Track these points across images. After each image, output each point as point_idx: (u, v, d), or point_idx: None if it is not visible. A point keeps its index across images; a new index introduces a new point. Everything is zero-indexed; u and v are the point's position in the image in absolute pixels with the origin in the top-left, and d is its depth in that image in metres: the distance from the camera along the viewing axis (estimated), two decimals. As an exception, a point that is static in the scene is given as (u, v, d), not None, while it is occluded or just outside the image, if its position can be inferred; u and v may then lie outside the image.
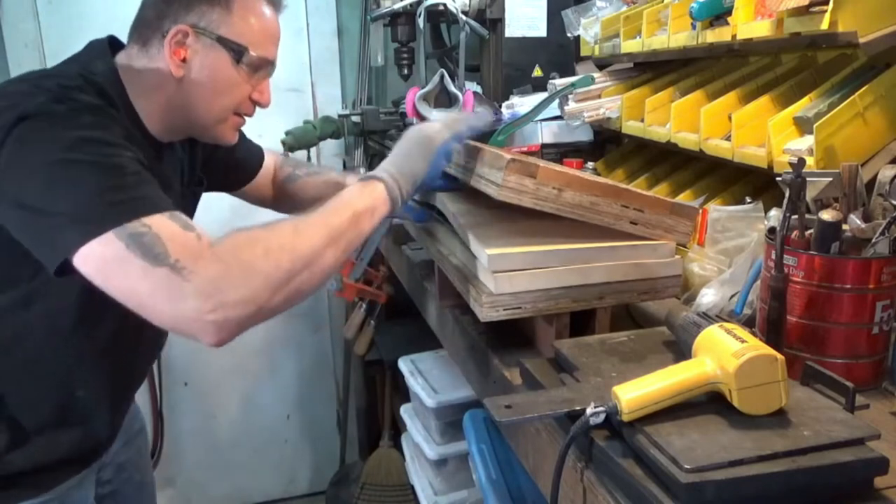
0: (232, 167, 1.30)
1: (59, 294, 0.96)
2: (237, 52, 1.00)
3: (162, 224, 0.80)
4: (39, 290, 0.95)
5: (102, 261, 0.79)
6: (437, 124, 1.01)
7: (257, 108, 1.09)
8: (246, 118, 1.09)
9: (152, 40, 0.99)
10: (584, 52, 1.70)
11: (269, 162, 1.37)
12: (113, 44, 1.04)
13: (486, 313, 0.91)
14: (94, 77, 0.96)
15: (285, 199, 1.38)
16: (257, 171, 1.35)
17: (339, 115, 2.29)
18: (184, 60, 0.98)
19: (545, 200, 0.90)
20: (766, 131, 1.06)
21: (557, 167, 1.21)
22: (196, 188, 1.23)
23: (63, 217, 0.81)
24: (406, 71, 1.96)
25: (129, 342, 1.08)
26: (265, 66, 1.05)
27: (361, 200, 0.91)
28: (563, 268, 0.92)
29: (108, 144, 0.86)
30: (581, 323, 0.96)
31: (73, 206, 0.81)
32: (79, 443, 1.09)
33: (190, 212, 1.21)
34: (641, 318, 1.04)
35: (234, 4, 0.99)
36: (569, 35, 1.72)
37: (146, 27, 1.00)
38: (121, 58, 1.02)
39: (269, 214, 1.39)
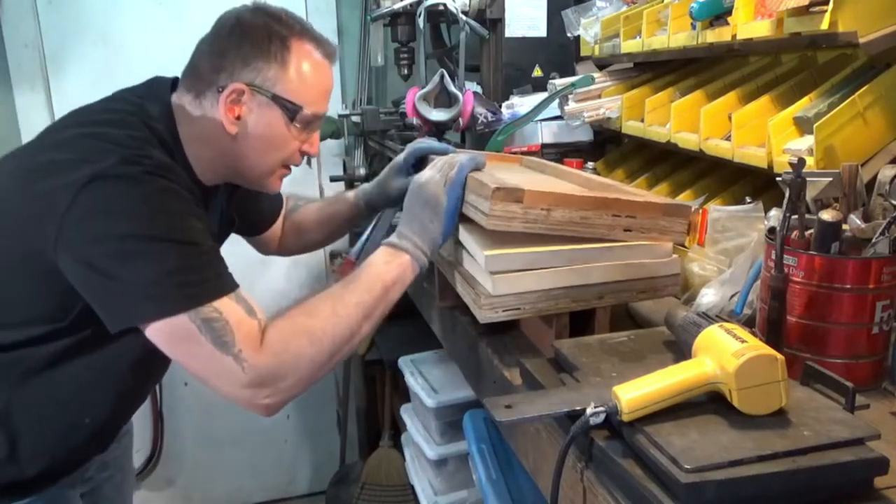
0: (257, 212, 1.30)
1: (91, 330, 0.96)
2: (292, 110, 0.99)
3: (231, 310, 0.87)
4: (73, 326, 0.95)
5: (172, 336, 0.86)
6: (436, 176, 0.99)
7: None
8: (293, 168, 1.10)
9: (206, 93, 0.98)
10: (584, 52, 1.70)
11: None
12: (175, 84, 1.04)
13: (484, 315, 0.91)
14: (151, 122, 0.96)
15: (290, 232, 1.39)
16: (277, 217, 1.36)
17: (339, 115, 2.29)
18: (238, 118, 0.98)
19: (535, 222, 0.90)
20: (766, 131, 1.06)
21: (552, 174, 1.21)
22: (229, 227, 1.24)
23: (137, 288, 0.85)
24: (406, 71, 1.96)
25: (145, 370, 1.09)
26: (317, 121, 1.05)
27: (390, 273, 0.95)
28: (562, 268, 0.92)
29: (183, 215, 0.89)
30: (581, 323, 0.96)
31: (149, 281, 0.85)
32: (75, 457, 1.10)
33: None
34: (641, 318, 1.04)
35: (290, 61, 0.98)
36: (569, 35, 1.72)
37: (199, 79, 0.99)
38: (174, 99, 1.01)
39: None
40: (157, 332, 0.86)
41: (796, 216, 0.82)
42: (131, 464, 1.42)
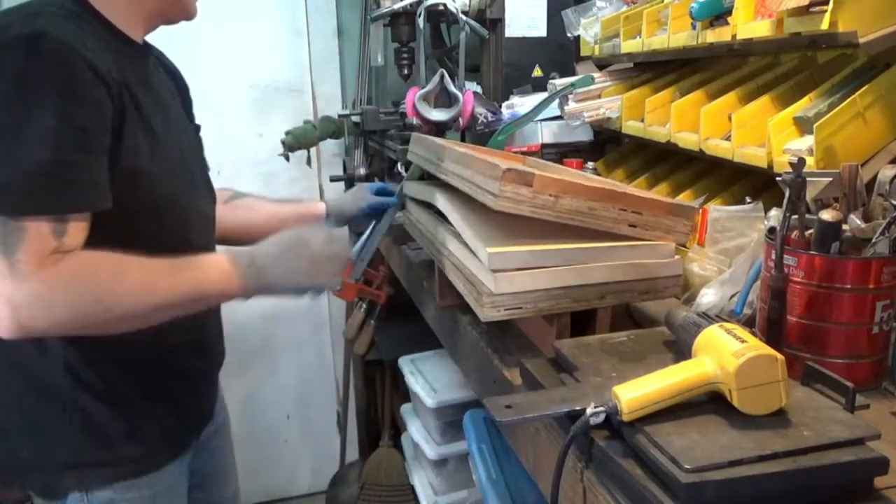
0: None
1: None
2: None
3: (36, 224, 0.82)
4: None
5: None
6: (320, 241, 1.00)
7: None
8: None
9: None
10: (584, 52, 1.70)
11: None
12: None
13: (486, 313, 0.91)
14: None
15: (224, 215, 1.30)
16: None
17: (339, 115, 2.29)
18: None
19: (543, 208, 0.90)
20: (766, 131, 1.06)
21: (553, 173, 1.21)
22: (197, 128, 1.21)
23: None
24: (406, 71, 1.96)
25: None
26: None
27: (216, 288, 0.94)
28: (564, 267, 0.92)
29: (44, 106, 0.83)
30: (581, 323, 0.96)
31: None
32: (182, 413, 1.11)
33: (199, 154, 1.18)
34: (641, 318, 1.04)
35: None
36: (569, 35, 1.72)
37: None
38: None
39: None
40: None
41: (796, 216, 0.82)
42: (233, 458, 1.43)
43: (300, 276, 0.98)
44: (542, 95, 1.59)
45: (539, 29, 1.79)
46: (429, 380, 1.90)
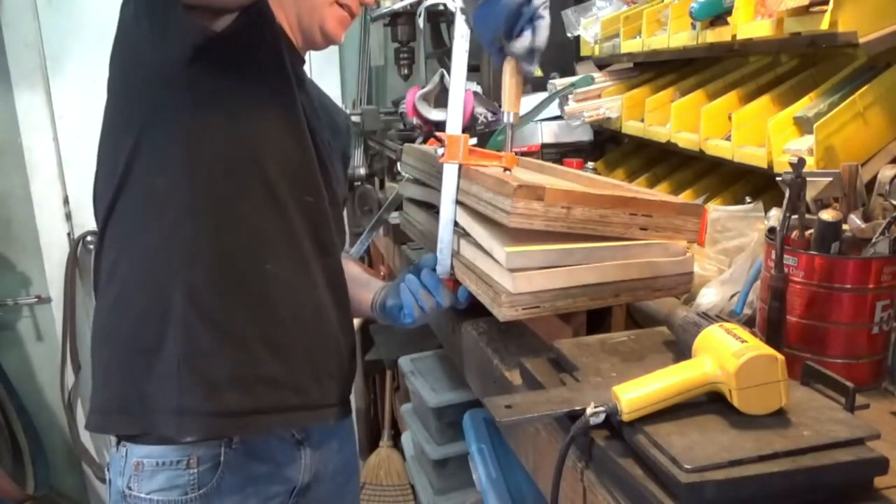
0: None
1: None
2: None
3: None
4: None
5: None
6: None
7: None
8: (351, 16, 1.08)
9: None
10: (584, 52, 1.70)
11: None
12: None
13: (504, 313, 0.91)
14: None
15: None
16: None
17: (339, 115, 2.29)
18: None
19: (556, 221, 0.90)
20: (766, 131, 1.06)
21: (551, 174, 1.21)
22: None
23: None
24: (406, 71, 1.96)
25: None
26: None
27: None
28: (580, 266, 0.92)
29: None
30: (595, 321, 0.96)
31: None
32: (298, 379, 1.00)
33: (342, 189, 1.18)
34: (641, 318, 1.04)
35: None
36: (569, 35, 1.72)
37: None
38: None
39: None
40: None
41: (796, 216, 0.82)
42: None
43: None
44: (542, 95, 1.59)
45: (539, 29, 1.79)
46: (429, 380, 1.90)
